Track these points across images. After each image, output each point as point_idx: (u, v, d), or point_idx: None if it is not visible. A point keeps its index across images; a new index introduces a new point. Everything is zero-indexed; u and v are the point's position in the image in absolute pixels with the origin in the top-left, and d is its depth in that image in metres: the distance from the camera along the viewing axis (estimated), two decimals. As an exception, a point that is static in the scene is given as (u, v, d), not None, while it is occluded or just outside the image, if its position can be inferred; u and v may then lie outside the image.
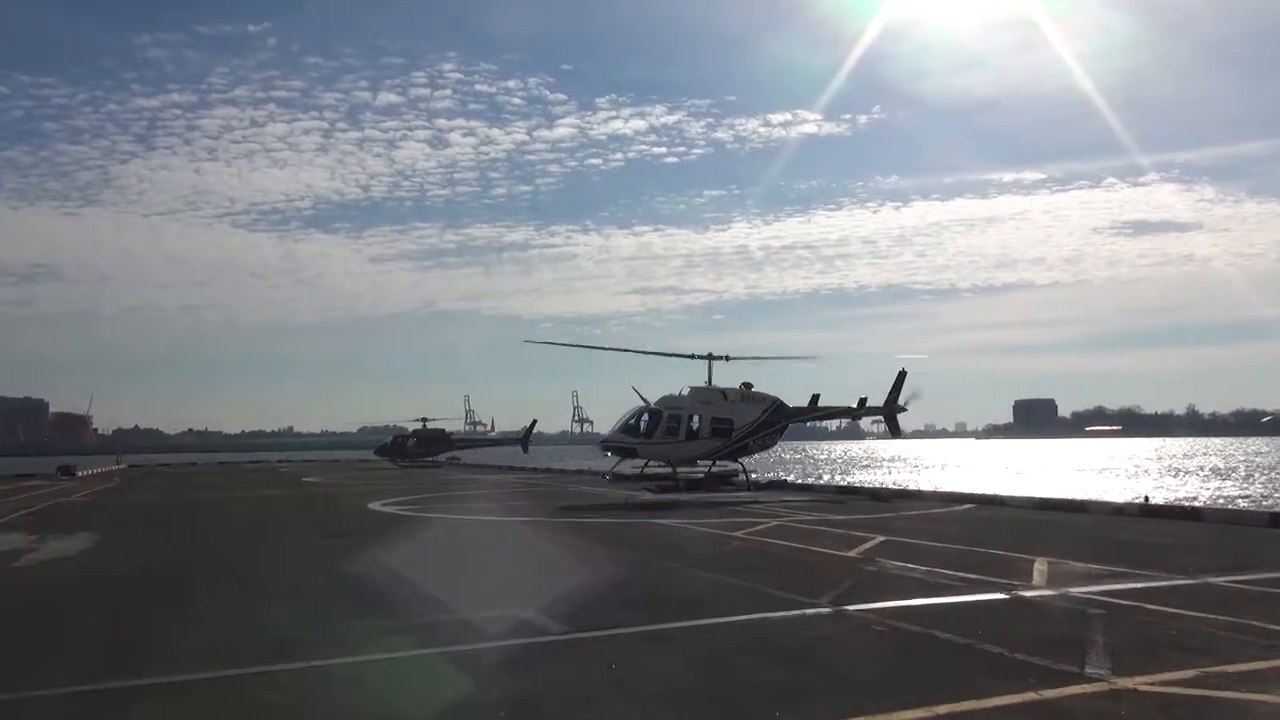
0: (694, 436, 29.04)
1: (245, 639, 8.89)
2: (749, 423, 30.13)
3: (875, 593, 10.61)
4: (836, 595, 10.44)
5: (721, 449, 29.91)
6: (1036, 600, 10.25)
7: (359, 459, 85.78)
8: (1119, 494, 32.07)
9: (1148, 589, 10.76)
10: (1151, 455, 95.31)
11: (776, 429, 31.44)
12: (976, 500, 24.79)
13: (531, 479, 43.74)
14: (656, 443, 28.50)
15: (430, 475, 49.66)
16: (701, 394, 29.68)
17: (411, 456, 69.65)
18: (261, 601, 11.05)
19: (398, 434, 75.87)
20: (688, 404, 29.30)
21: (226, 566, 14.28)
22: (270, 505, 28.83)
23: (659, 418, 28.61)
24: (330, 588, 11.95)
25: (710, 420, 29.37)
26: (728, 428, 29.66)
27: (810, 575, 12.03)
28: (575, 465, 59.45)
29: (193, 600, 11.26)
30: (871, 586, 11.14)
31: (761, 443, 30.99)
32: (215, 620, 9.97)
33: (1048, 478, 49.52)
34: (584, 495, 30.43)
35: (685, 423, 28.99)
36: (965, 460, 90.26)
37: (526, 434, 77.38)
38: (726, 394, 29.94)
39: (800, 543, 15.47)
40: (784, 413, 31.56)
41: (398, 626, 9.14)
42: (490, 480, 42.49)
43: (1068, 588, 10.82)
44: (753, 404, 30.48)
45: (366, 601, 10.69)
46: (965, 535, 16.43)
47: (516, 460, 71.15)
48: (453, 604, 10.30)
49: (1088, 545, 14.79)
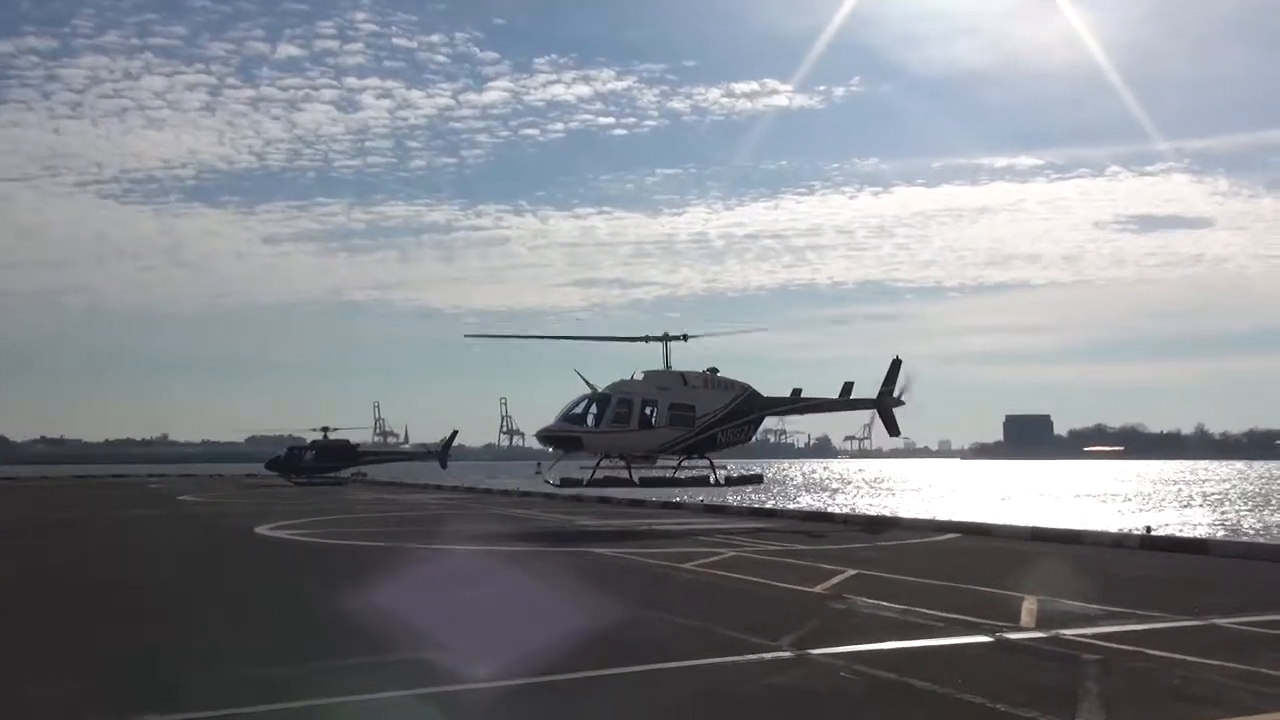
0: (650, 426, 28.75)
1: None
2: (715, 410, 29.88)
3: (843, 634, 10.69)
4: (799, 637, 10.51)
5: (683, 441, 29.55)
6: (1025, 643, 10.42)
7: (246, 474, 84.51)
8: (1119, 523, 32.86)
9: (1149, 631, 11.00)
10: (1156, 479, 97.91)
11: (749, 420, 31.11)
12: (960, 529, 25.21)
13: (451, 500, 43.40)
14: (606, 432, 28.10)
15: (331, 494, 48.98)
16: (658, 378, 29.45)
17: (309, 472, 68.81)
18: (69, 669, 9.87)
19: (293, 445, 75.10)
20: (642, 389, 29.01)
21: (33, 619, 12.53)
22: (133, 530, 28.14)
23: (608, 404, 28.21)
24: (186, 637, 11.67)
25: (669, 407, 29.05)
26: (689, 415, 29.41)
27: (770, 614, 12.09)
28: (503, 484, 59.13)
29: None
30: (839, 627, 11.22)
31: (731, 436, 30.70)
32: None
33: (1040, 504, 50.60)
34: (513, 520, 30.25)
35: (639, 410, 28.63)
36: (949, 483, 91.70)
37: (446, 447, 77.03)
38: (687, 378, 29.71)
39: (759, 576, 15.56)
40: (757, 402, 31.31)
41: (264, 682, 8.96)
42: (402, 501, 42.03)
43: (1060, 629, 11.03)
44: (719, 390, 30.23)
45: (241, 653, 10.45)
46: (947, 569, 16.68)
47: (434, 477, 70.49)
48: (347, 648, 10.15)
49: (1083, 581, 15.10)
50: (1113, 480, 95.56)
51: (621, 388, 28.82)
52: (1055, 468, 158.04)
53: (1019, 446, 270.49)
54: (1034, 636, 10.73)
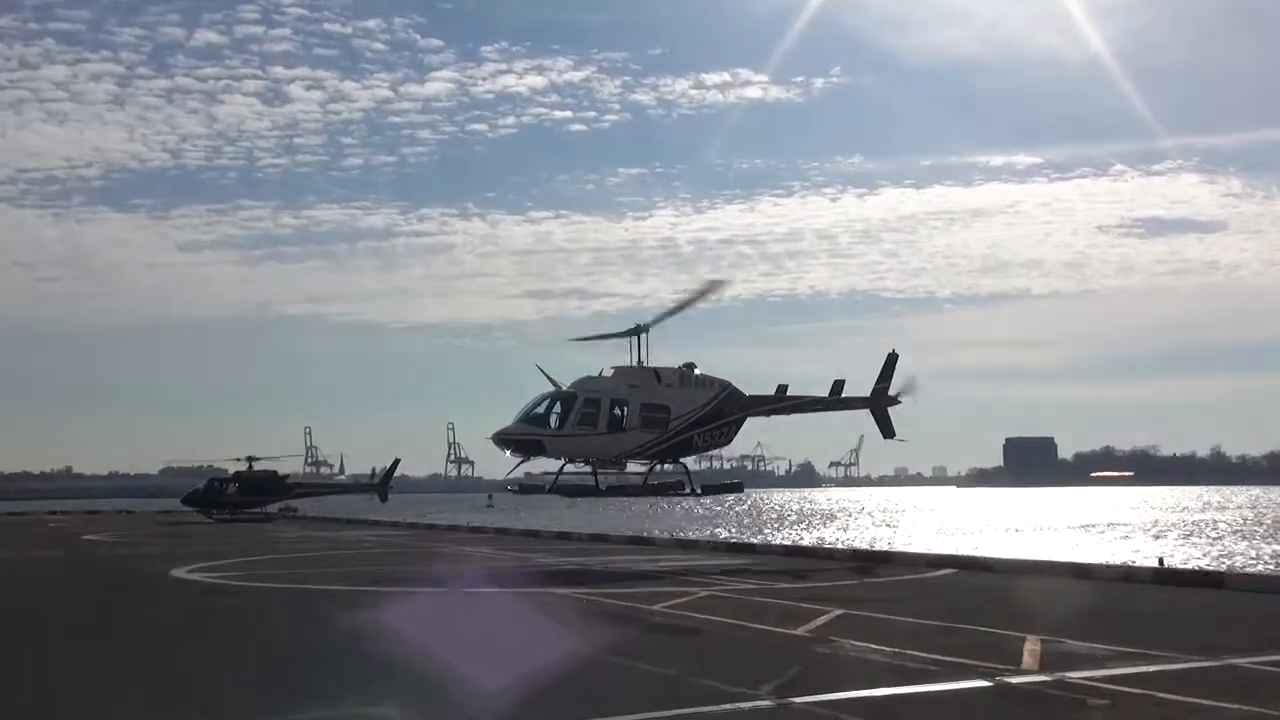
0: (619, 428, 28.56)
1: None
2: (691, 411, 29.71)
3: (829, 681, 10.73)
4: (780, 685, 10.53)
5: (656, 444, 29.39)
6: (1027, 688, 10.52)
7: (161, 509, 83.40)
8: (1128, 555, 33.23)
9: (1161, 672, 11.14)
10: (1169, 507, 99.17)
11: (729, 421, 30.89)
12: (957, 564, 25.40)
13: (392, 537, 43.10)
14: (570, 435, 27.85)
15: (256, 532, 48.45)
16: (628, 374, 29.19)
17: (232, 507, 67.99)
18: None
19: (214, 477, 74.30)
20: (611, 387, 28.79)
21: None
22: (24, 574, 27.68)
23: (573, 403, 27.97)
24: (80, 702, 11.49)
25: (640, 408, 28.87)
26: (663, 417, 29.22)
27: (748, 659, 12.13)
28: (452, 519, 58.82)
29: None
30: (824, 673, 11.27)
31: (709, 438, 30.50)
32: None
33: (1044, 536, 51.06)
34: (461, 559, 30.10)
35: (607, 410, 28.44)
36: (944, 513, 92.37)
37: (386, 478, 76.43)
38: (661, 375, 29.46)
39: (737, 618, 15.60)
40: (738, 401, 31.10)
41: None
42: (337, 539, 41.67)
43: (1065, 672, 11.14)
44: (696, 388, 30.04)
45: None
46: (942, 608, 16.80)
47: (373, 512, 69.84)
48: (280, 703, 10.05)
49: (1090, 619, 15.28)
50: (1122, 508, 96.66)
51: (588, 385, 28.56)
52: (1060, 495, 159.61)
53: (1020, 472, 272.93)
54: (1037, 680, 10.84)
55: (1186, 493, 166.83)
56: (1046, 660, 11.89)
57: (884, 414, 33.14)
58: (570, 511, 68.10)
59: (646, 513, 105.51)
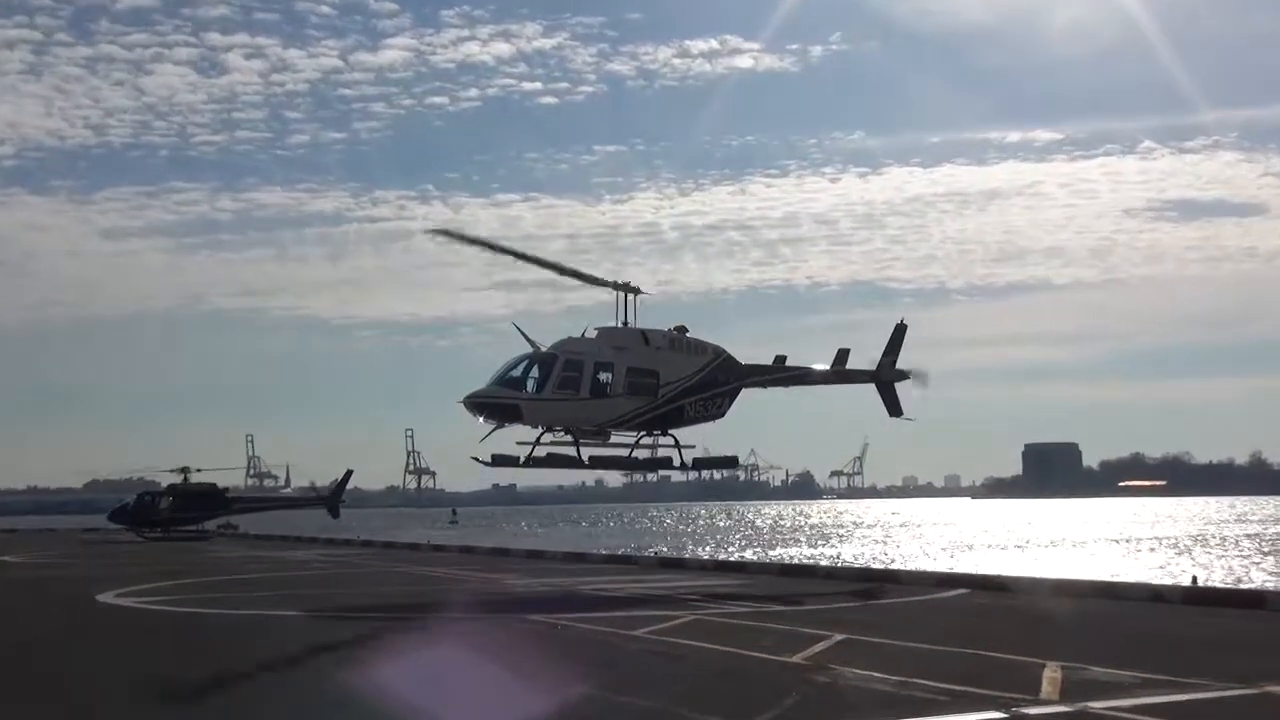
0: (603, 393, 28.57)
1: None
2: (682, 377, 29.77)
3: (828, 712, 10.79)
4: (775, 717, 10.59)
5: (643, 412, 29.38)
6: (1046, 719, 10.63)
7: (86, 527, 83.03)
8: (1159, 573, 33.50)
9: (1194, 702, 11.25)
10: (1204, 519, 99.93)
11: (724, 391, 30.91)
12: (970, 583, 25.54)
13: (344, 557, 43.01)
14: (549, 400, 27.85)
15: (192, 552, 48.30)
16: (614, 335, 29.17)
17: (165, 524, 67.71)
18: None
19: (144, 491, 73.81)
20: (595, 349, 28.81)
21: None
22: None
23: (552, 365, 27.99)
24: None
25: (626, 372, 28.89)
26: (652, 383, 29.23)
27: (739, 690, 12.17)
28: (411, 537, 58.75)
29: None
30: (823, 703, 11.32)
31: (702, 409, 30.55)
32: None
33: (1066, 552, 51.40)
34: (421, 581, 30.08)
35: (590, 373, 28.46)
36: (957, 527, 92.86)
37: (338, 491, 76.26)
38: (649, 337, 29.46)
39: (727, 644, 15.64)
40: (734, 370, 31.19)
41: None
42: (283, 559, 41.55)
43: (1088, 701, 11.20)
44: (688, 354, 30.09)
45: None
46: (953, 631, 16.88)
47: (324, 527, 69.62)
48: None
49: (1116, 644, 15.37)
50: (1152, 521, 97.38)
51: (570, 346, 28.51)
52: (1084, 507, 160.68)
53: (1041, 482, 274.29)
54: (1057, 711, 10.91)
55: (1223, 504, 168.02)
56: (1068, 689, 11.97)
57: (891, 390, 32.97)
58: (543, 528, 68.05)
59: (626, 528, 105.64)
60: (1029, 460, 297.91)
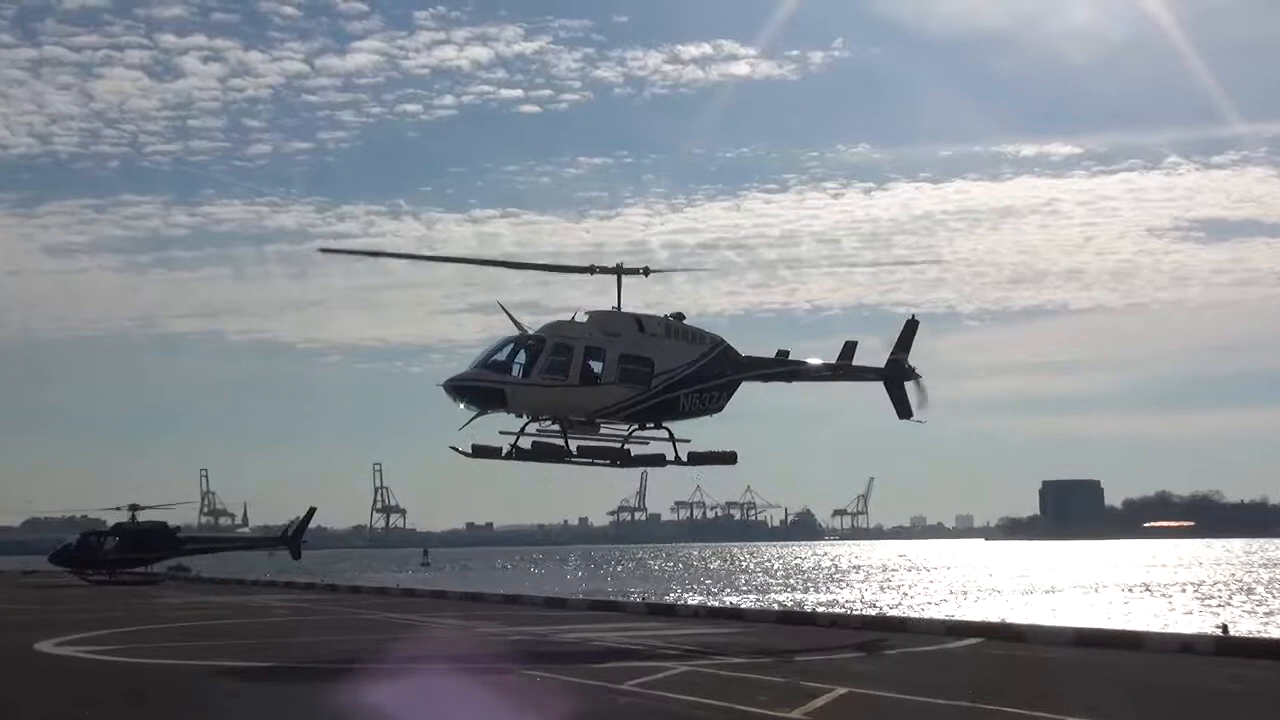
0: (593, 380, 28.67)
1: None
2: (678, 367, 29.90)
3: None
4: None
5: (636, 402, 29.46)
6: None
7: (24, 569, 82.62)
8: (1187, 622, 33.54)
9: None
10: (1235, 562, 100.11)
11: (722, 383, 31.01)
12: (984, 632, 25.49)
13: (306, 602, 42.82)
14: (536, 385, 27.95)
15: (140, 596, 48.05)
16: (606, 321, 29.29)
17: (111, 565, 67.45)
18: None
19: (89, 531, 73.58)
20: (585, 334, 28.94)
21: None
22: None
23: (540, 349, 28.12)
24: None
25: (619, 359, 29.01)
26: (645, 371, 29.36)
27: (734, 749, 12.13)
28: (379, 580, 58.56)
29: None
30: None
31: (699, 401, 30.64)
32: None
33: (1087, 598, 51.44)
34: (390, 629, 29.98)
35: (580, 359, 28.58)
36: (970, 571, 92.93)
37: (299, 531, 75.95)
38: (644, 323, 29.64)
39: (720, 698, 15.58)
40: (734, 362, 31.36)
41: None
42: (239, 604, 41.38)
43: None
44: (685, 342, 30.22)
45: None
46: (966, 685, 16.83)
47: (284, 569, 69.32)
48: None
49: (1141, 699, 15.37)
50: (1180, 564, 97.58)
51: (559, 330, 28.67)
52: (1106, 549, 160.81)
53: (1060, 522, 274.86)
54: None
55: (1256, 545, 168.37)
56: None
57: (900, 389, 32.93)
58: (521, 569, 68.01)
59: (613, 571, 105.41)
60: (1047, 499, 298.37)
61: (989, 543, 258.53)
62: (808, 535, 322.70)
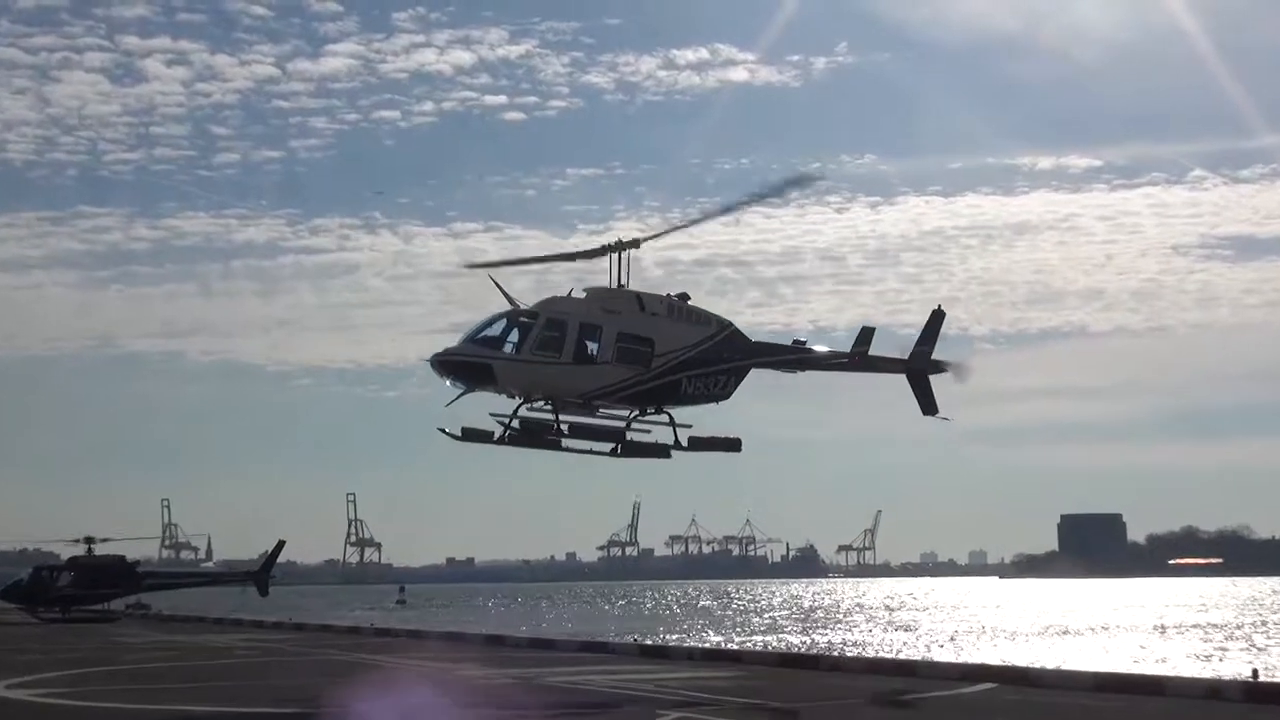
0: (588, 359, 28.63)
1: None
2: (681, 348, 29.77)
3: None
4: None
5: (634, 384, 29.32)
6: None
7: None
8: (1215, 665, 33.58)
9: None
10: (1265, 603, 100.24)
11: (728, 368, 30.84)
12: (997, 676, 25.47)
13: (272, 643, 42.71)
14: (528, 362, 27.91)
15: (95, 636, 47.90)
16: (605, 298, 29.20)
17: (65, 602, 67.35)
18: None
19: (41, 565, 73.47)
20: (582, 310, 28.92)
21: None
22: None
23: (533, 324, 28.13)
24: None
25: (617, 337, 28.95)
26: (645, 351, 29.23)
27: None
28: (352, 619, 58.43)
29: None
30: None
31: (703, 386, 30.44)
32: None
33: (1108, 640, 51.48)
34: (363, 671, 29.94)
35: (575, 336, 28.52)
36: (984, 611, 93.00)
37: (267, 566, 76.01)
38: (645, 302, 29.56)
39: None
40: (741, 346, 31.22)
41: None
42: (200, 645, 41.28)
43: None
44: (689, 323, 30.10)
45: None
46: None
47: (250, 607, 69.06)
48: None
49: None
50: (1207, 604, 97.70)
51: (554, 306, 28.69)
52: (1129, 588, 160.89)
53: (1079, 559, 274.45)
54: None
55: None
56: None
57: (925, 383, 32.82)
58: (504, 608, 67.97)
59: (604, 611, 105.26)
60: (1065, 533, 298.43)
61: (1003, 580, 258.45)
62: (810, 572, 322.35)
